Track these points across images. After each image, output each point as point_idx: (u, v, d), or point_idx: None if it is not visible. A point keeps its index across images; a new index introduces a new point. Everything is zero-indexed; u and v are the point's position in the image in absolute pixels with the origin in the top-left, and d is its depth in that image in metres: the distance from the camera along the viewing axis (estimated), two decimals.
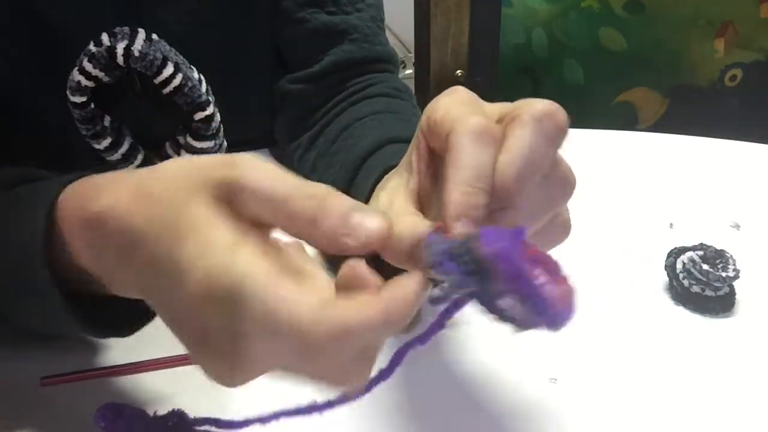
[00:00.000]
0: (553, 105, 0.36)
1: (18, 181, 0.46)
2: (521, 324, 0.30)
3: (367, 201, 0.48)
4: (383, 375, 0.35)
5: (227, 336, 0.32)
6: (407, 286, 0.31)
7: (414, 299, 0.31)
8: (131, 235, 0.34)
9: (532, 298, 0.29)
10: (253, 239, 0.33)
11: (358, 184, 0.56)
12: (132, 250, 0.35)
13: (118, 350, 0.51)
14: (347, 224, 0.32)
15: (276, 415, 0.43)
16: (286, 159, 0.78)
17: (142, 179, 0.35)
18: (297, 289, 0.31)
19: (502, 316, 0.30)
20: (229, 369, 0.33)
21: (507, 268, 0.29)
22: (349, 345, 0.31)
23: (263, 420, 0.42)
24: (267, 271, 0.31)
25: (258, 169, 0.33)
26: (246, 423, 0.44)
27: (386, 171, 0.49)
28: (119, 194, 0.35)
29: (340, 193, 0.33)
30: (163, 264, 0.33)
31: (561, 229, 0.39)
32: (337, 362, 0.31)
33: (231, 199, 0.33)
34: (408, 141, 0.46)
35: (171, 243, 0.33)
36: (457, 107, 0.36)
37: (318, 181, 0.64)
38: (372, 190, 0.49)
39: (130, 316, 0.44)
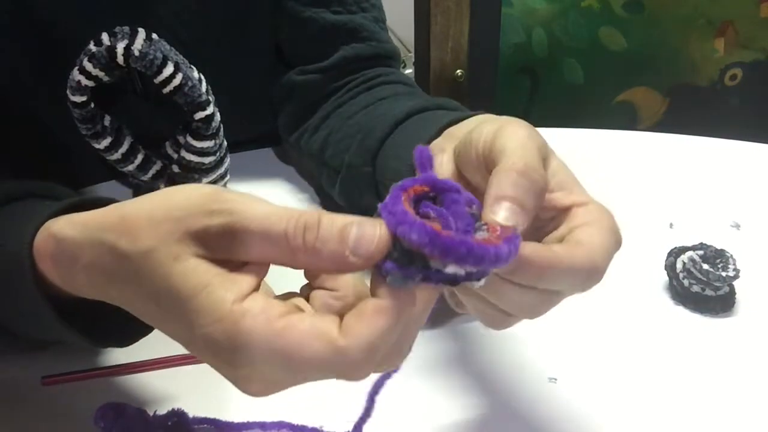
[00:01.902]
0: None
1: (12, 195, 0.46)
2: (477, 275, 0.31)
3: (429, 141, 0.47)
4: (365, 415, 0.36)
5: (243, 378, 0.33)
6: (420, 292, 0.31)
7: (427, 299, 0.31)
8: (118, 293, 0.35)
9: (469, 257, 0.29)
10: (244, 284, 0.32)
11: (411, 125, 0.55)
12: (123, 302, 0.35)
13: (118, 350, 0.51)
14: (347, 245, 0.31)
15: (278, 425, 0.43)
16: (288, 158, 0.78)
17: (109, 235, 0.34)
18: (306, 328, 0.31)
19: (458, 281, 0.30)
20: (252, 392, 0.34)
21: (434, 249, 0.29)
22: (379, 353, 0.31)
23: (264, 426, 0.42)
24: (272, 321, 0.31)
25: (249, 210, 0.32)
26: (246, 426, 0.44)
27: (450, 124, 0.47)
28: (90, 255, 0.35)
29: (328, 213, 0.32)
30: (159, 318, 0.34)
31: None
32: (370, 366, 0.32)
33: (218, 246, 0.32)
34: (456, 109, 0.50)
35: (163, 307, 0.33)
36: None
37: (332, 154, 0.64)
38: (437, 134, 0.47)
39: (131, 327, 0.43)
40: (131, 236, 0.33)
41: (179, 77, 0.56)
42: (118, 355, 0.51)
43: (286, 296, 0.37)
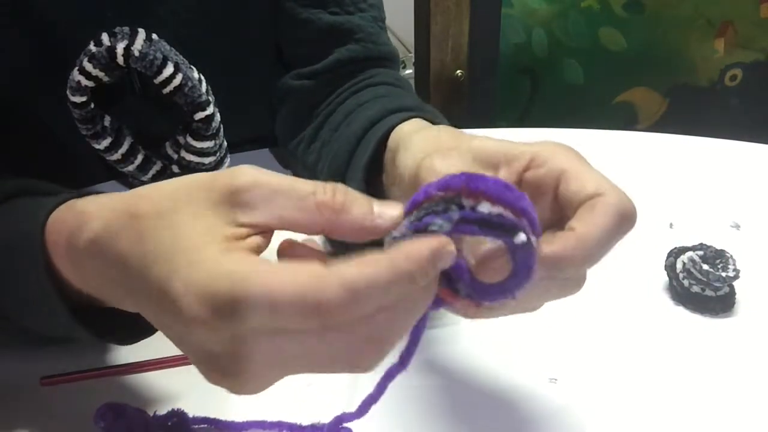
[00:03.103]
0: (630, 204, 0.38)
1: (13, 193, 0.46)
2: (510, 228, 0.31)
3: (371, 164, 0.50)
4: (373, 398, 0.36)
5: (231, 358, 0.31)
6: (419, 244, 0.31)
7: (425, 255, 0.30)
8: (119, 258, 0.34)
9: (503, 193, 0.31)
10: (247, 241, 0.33)
11: (361, 150, 0.55)
12: (121, 275, 0.35)
13: (118, 350, 0.51)
14: (373, 209, 0.33)
15: (279, 425, 0.43)
16: (286, 159, 0.78)
17: (129, 200, 0.35)
18: (292, 266, 0.30)
19: (492, 224, 0.31)
20: (239, 384, 0.33)
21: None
22: (360, 306, 0.29)
23: (264, 426, 0.42)
24: (258, 265, 0.30)
25: (269, 174, 0.33)
26: (246, 425, 0.44)
27: (390, 130, 0.50)
28: (106, 217, 0.35)
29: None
30: (154, 289, 0.33)
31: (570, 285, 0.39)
32: (349, 336, 0.30)
33: (236, 205, 0.33)
34: (414, 109, 0.50)
35: (159, 267, 0.32)
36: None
37: (323, 168, 0.64)
38: (378, 147, 0.50)
39: (134, 326, 0.43)
40: (147, 200, 0.34)
41: (179, 77, 0.57)
42: (117, 355, 0.51)
43: None
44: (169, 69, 0.56)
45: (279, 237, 0.34)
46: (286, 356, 0.31)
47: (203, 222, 0.32)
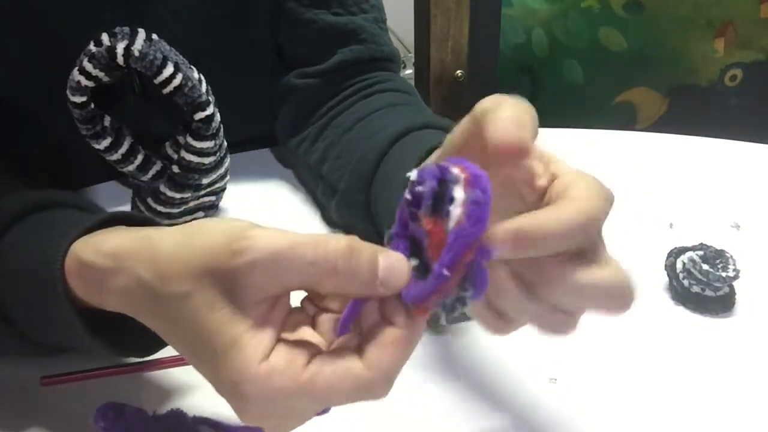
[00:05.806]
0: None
1: (30, 209, 0.46)
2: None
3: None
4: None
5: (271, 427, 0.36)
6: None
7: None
8: (147, 322, 0.37)
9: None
10: (266, 338, 0.34)
11: (394, 157, 0.56)
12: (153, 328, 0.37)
13: None
14: (378, 273, 0.32)
15: None
16: (287, 159, 0.78)
17: (152, 281, 0.35)
18: (332, 371, 0.33)
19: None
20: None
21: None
22: (397, 375, 0.34)
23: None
24: (299, 375, 0.33)
25: (270, 243, 0.32)
26: (247, 429, 0.44)
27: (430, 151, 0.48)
28: (131, 289, 0.36)
29: (356, 239, 0.33)
30: (188, 356, 0.37)
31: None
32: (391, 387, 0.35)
33: (237, 286, 0.33)
34: (442, 128, 0.50)
35: (196, 349, 0.35)
36: None
37: (330, 169, 0.64)
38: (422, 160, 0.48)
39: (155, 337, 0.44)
40: (166, 279, 0.34)
41: (179, 78, 0.56)
42: None
43: (293, 317, 0.37)
44: (169, 69, 0.56)
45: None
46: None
47: (219, 316, 0.34)
